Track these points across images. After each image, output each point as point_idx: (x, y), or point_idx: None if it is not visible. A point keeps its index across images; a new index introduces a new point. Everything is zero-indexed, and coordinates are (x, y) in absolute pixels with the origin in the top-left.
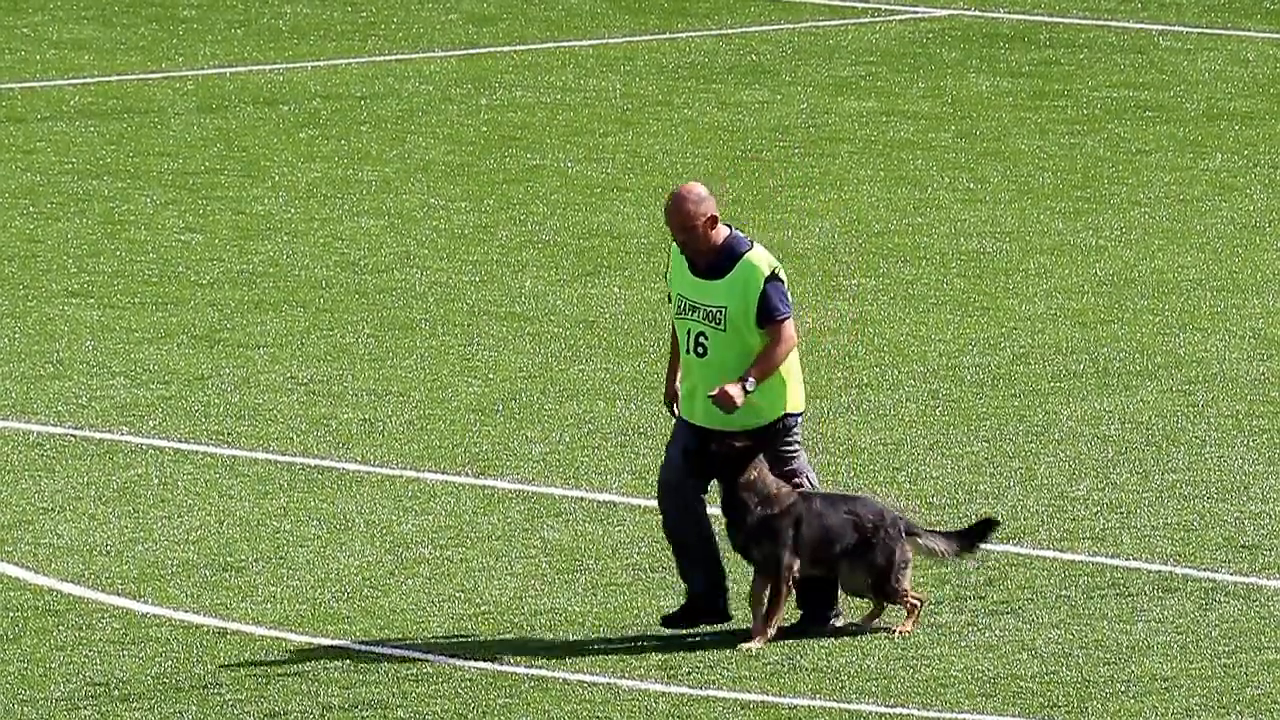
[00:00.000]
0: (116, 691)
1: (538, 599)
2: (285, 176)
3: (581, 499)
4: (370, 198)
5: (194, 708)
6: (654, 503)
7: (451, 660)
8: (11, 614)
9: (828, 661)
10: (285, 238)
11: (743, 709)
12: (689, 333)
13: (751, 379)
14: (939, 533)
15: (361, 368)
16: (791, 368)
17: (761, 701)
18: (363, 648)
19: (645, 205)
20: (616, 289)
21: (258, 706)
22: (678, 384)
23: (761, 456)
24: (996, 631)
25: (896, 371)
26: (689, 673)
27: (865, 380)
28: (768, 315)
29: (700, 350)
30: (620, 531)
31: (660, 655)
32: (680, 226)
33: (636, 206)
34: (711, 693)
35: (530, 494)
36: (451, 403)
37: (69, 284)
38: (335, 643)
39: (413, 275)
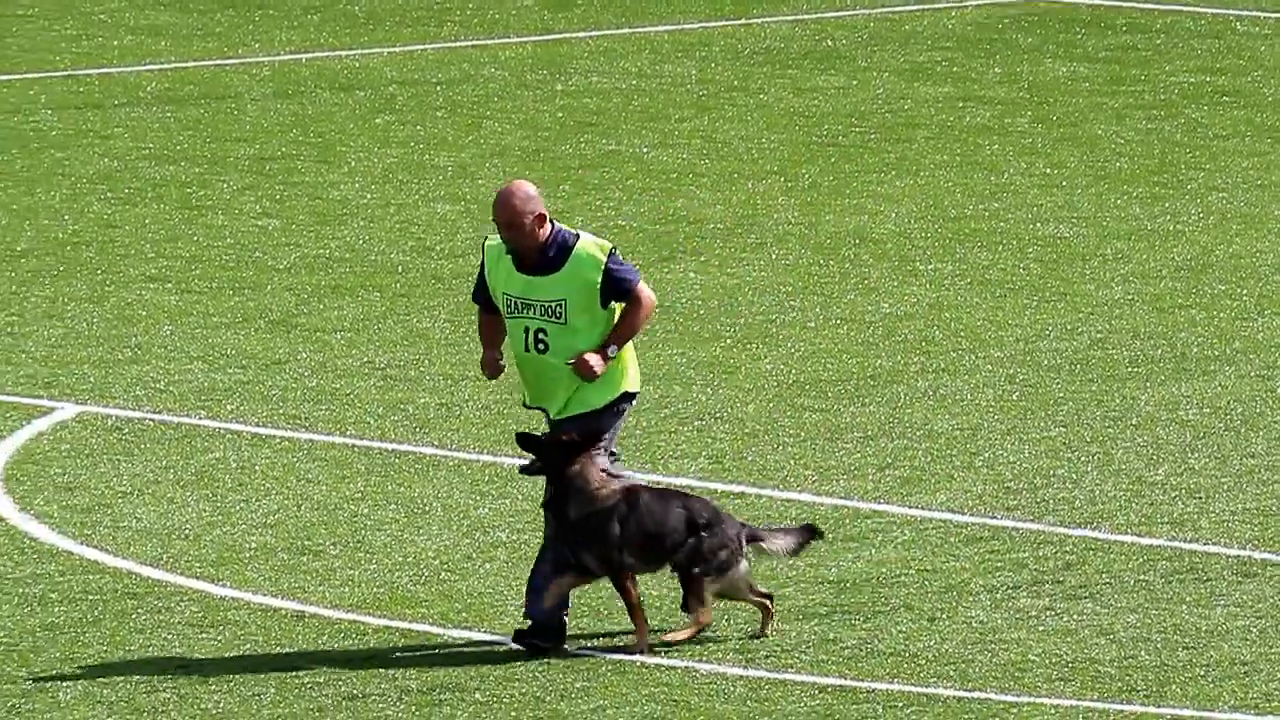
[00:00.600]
0: (195, 674)
1: None
2: (361, 162)
3: (658, 483)
4: (446, 183)
5: (272, 690)
6: (731, 486)
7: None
8: (91, 597)
9: (905, 646)
10: (361, 223)
11: (820, 692)
12: (526, 330)
13: (613, 346)
14: (778, 530)
15: (438, 352)
16: (629, 350)
17: (839, 685)
18: (441, 631)
19: (721, 190)
20: (693, 274)
21: (336, 689)
22: (498, 356)
23: (592, 452)
24: (1075, 616)
25: (973, 357)
26: (766, 656)
27: (942, 365)
28: (621, 288)
29: (541, 347)
30: None
31: (738, 639)
32: (507, 224)
33: (712, 191)
34: (789, 676)
35: None
36: None
37: (146, 269)
38: (413, 626)
39: None
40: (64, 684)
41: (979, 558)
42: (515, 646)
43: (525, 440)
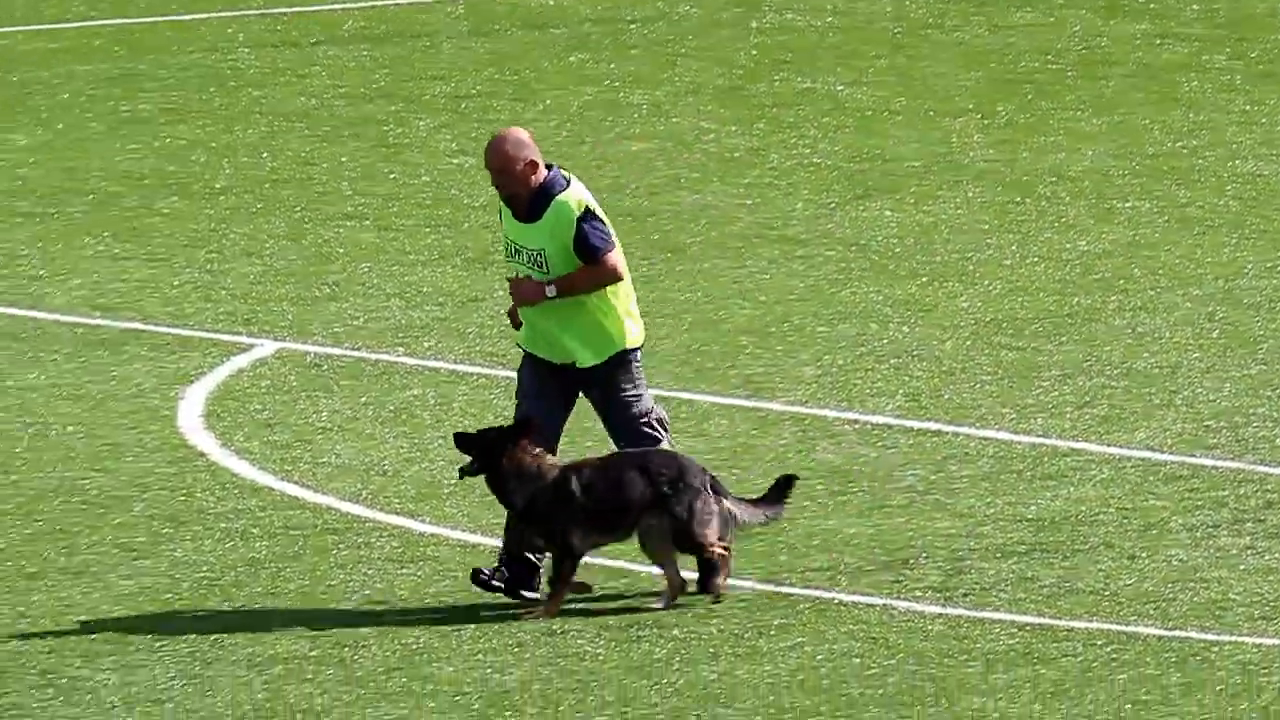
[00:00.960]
0: (395, 609)
1: (812, 520)
2: (557, 100)
3: (855, 421)
4: (641, 121)
5: (471, 626)
6: (927, 424)
7: (727, 581)
8: (292, 532)
9: (1105, 584)
10: (556, 160)
11: (1020, 631)
12: (517, 276)
13: (552, 286)
14: (745, 500)
15: (634, 290)
16: (626, 302)
17: (1039, 624)
18: (639, 568)
19: (916, 128)
20: (888, 211)
21: (535, 624)
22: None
23: (523, 443)
24: (1276, 555)
25: (1172, 294)
26: (965, 595)
27: (1140, 303)
28: (588, 254)
29: None
30: (894, 454)
31: (936, 576)
32: (498, 169)
33: (907, 129)
34: (988, 615)
35: (803, 416)
36: (724, 325)
37: (344, 207)
38: (610, 562)
39: (684, 198)
40: (266, 618)
41: (1178, 496)
42: (729, 582)
43: (461, 440)
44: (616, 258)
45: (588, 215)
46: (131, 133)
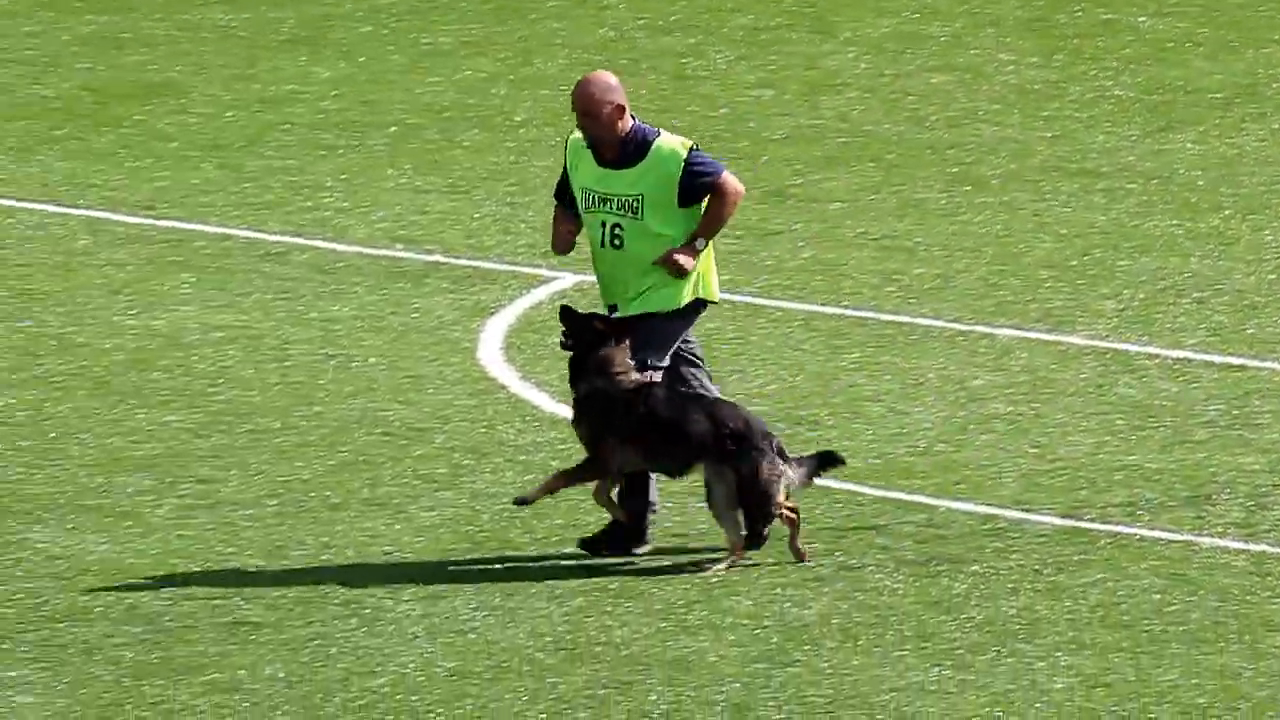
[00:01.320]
0: (695, 543)
1: (1112, 455)
2: (856, 31)
3: (1156, 355)
4: (940, 53)
5: (769, 560)
6: (1230, 359)
7: (1026, 516)
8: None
9: None
10: (855, 93)
11: None
12: (603, 225)
13: (701, 239)
14: (796, 459)
15: (933, 223)
16: (711, 254)
17: None
18: (936, 502)
19: (1219, 60)
20: (1190, 144)
21: (833, 560)
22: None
23: (624, 345)
24: None
25: None
26: (1269, 530)
27: None
28: (703, 180)
29: (616, 242)
30: (1196, 389)
31: (1239, 512)
32: (584, 111)
33: (1210, 61)
34: None
35: (1104, 350)
36: (1024, 259)
37: None
38: (908, 497)
39: (983, 130)
40: (564, 550)
41: None
42: (1028, 517)
43: (566, 314)
44: (730, 174)
45: (693, 152)
46: (432, 65)
